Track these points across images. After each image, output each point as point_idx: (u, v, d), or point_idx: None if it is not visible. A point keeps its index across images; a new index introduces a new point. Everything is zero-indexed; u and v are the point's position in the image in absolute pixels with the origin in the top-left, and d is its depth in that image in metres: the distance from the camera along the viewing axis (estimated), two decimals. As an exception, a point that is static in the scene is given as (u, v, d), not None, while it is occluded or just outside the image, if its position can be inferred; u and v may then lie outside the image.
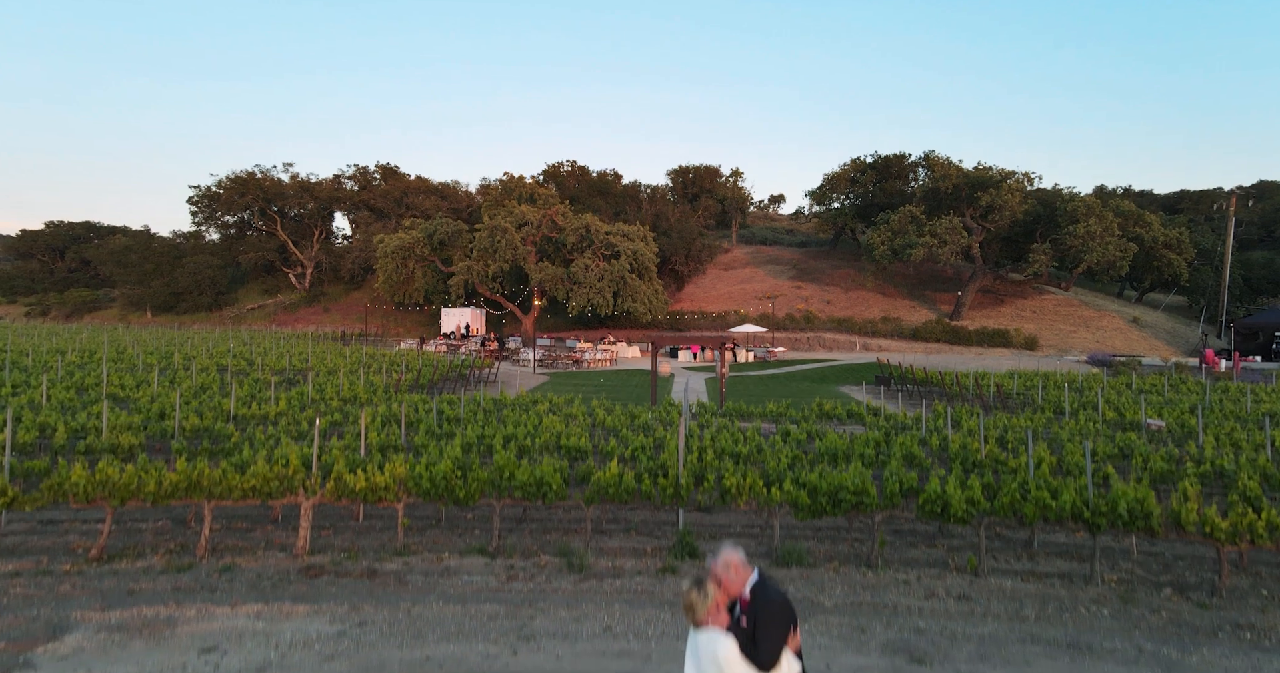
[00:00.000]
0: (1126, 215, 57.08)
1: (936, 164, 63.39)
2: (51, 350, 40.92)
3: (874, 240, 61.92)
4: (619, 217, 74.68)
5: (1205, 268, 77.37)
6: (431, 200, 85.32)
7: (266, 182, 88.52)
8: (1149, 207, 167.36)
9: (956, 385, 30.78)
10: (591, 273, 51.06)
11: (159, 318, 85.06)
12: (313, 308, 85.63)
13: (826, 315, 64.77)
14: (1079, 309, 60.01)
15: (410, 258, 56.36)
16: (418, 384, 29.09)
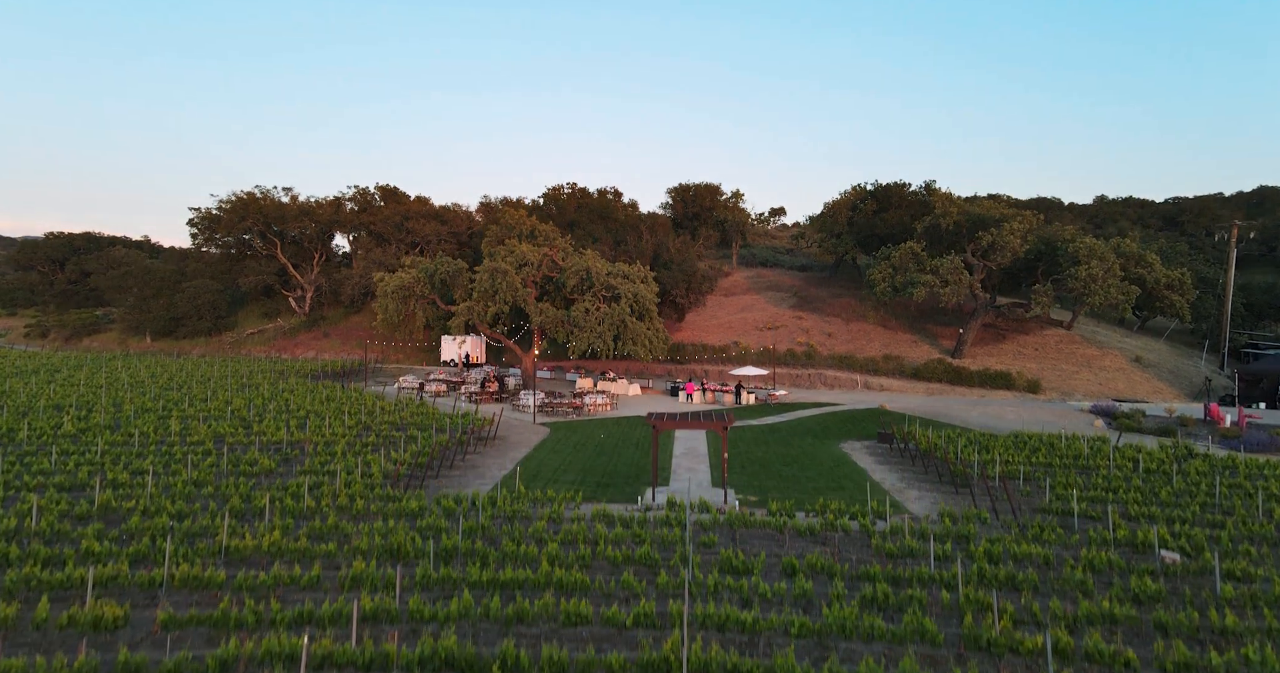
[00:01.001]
0: (1128, 256, 56.54)
1: (938, 199, 62.82)
2: (48, 408, 40.34)
3: (875, 277, 61.40)
4: (619, 247, 74.09)
5: (1207, 296, 76.95)
6: (431, 226, 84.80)
7: (267, 204, 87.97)
8: (1149, 219, 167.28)
9: (960, 462, 30.24)
10: (592, 317, 50.56)
11: (158, 342, 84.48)
12: (312, 332, 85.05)
13: (828, 350, 64.26)
14: (1081, 347, 59.49)
15: (410, 297, 55.85)
16: (417, 466, 28.54)
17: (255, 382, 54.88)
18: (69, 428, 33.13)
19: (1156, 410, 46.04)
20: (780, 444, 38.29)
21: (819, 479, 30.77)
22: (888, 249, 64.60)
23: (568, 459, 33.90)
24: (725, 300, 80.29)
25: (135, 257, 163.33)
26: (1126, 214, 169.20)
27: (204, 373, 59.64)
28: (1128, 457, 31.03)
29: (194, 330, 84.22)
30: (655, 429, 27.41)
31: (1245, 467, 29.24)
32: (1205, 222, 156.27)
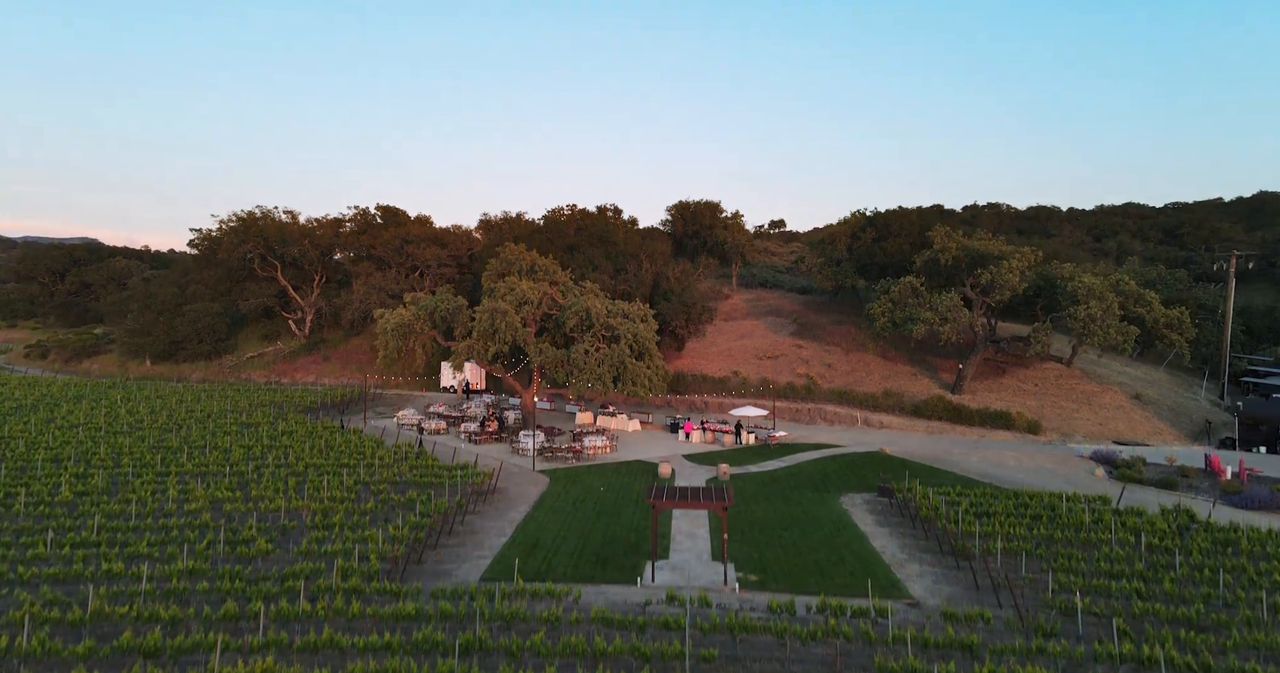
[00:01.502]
0: (1127, 294, 56.13)
1: (937, 234, 62.42)
2: (46, 462, 40.00)
3: (875, 312, 61.10)
4: (619, 275, 73.73)
5: (1207, 322, 76.59)
6: (431, 250, 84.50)
7: (267, 225, 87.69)
8: (1149, 231, 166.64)
9: (960, 536, 29.93)
10: (591, 358, 50.25)
11: (158, 366, 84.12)
12: (312, 356, 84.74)
13: (827, 382, 63.95)
14: (1080, 382, 59.14)
15: (410, 335, 55.52)
16: (415, 542, 28.23)
17: (254, 420, 54.54)
18: (66, 494, 32.80)
19: (1157, 457, 45.70)
20: (780, 499, 37.94)
21: (819, 548, 30.44)
22: (887, 282, 64.26)
23: (567, 521, 33.57)
24: (725, 326, 79.96)
25: (136, 268, 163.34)
26: (1126, 226, 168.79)
27: (204, 407, 59.29)
28: (1130, 527, 30.69)
29: (194, 354, 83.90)
30: (654, 509, 27.07)
31: (1248, 542, 28.92)
32: (1205, 234, 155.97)
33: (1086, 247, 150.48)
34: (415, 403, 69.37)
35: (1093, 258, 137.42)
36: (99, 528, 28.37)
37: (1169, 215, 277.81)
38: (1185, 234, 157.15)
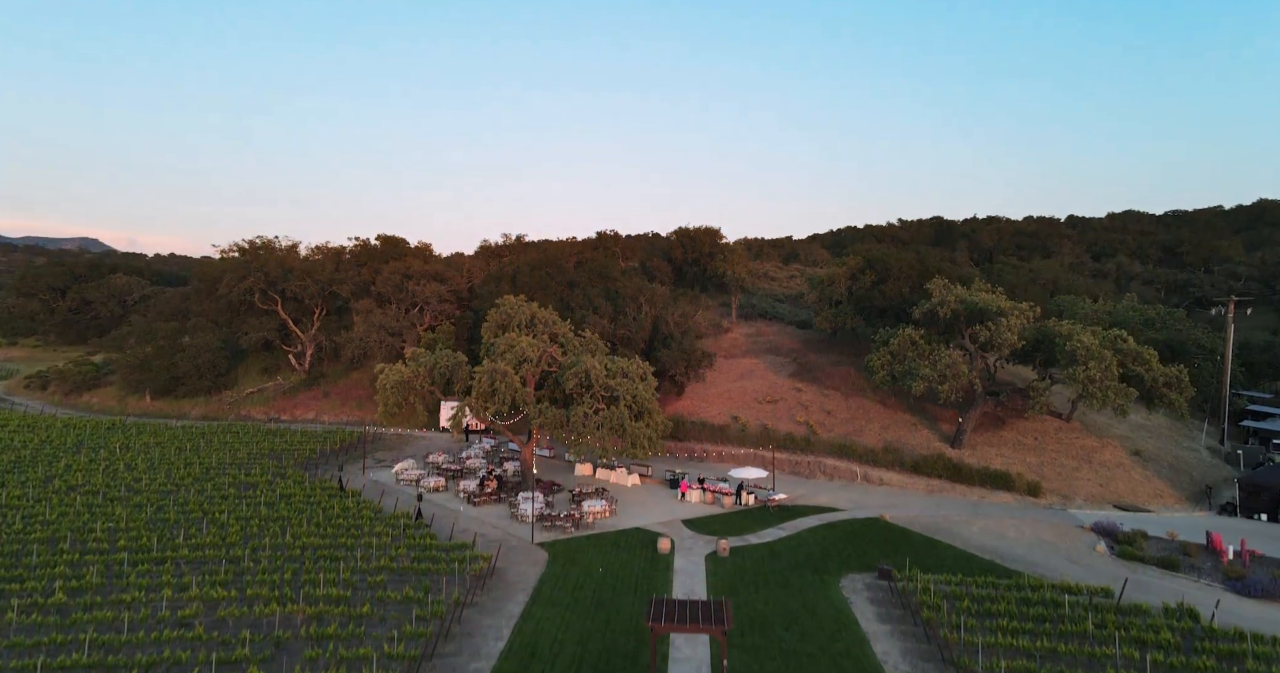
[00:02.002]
0: (1125, 353, 55.48)
1: (936, 286, 61.69)
2: (41, 542, 39.50)
3: (874, 364, 60.57)
4: (619, 318, 73.17)
5: (1205, 364, 76.02)
6: (431, 287, 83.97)
7: (268, 259, 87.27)
8: (1148, 249, 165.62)
9: (960, 631, 29.45)
10: (591, 421, 49.77)
11: (158, 402, 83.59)
12: (312, 391, 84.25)
13: (827, 431, 63.46)
14: (1080, 437, 58.58)
15: (410, 392, 55.04)
16: (412, 662, 27.75)
17: (253, 477, 54.11)
18: (60, 596, 32.30)
19: (1158, 528, 45.15)
20: (780, 585, 37.40)
21: (820, 657, 29.96)
22: (886, 332, 63.68)
23: (565, 618, 33.04)
24: (725, 364, 79.37)
25: (136, 284, 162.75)
26: (1125, 243, 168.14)
27: (202, 461, 58.76)
28: (1134, 638, 30.19)
29: (194, 389, 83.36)
30: (653, 632, 26.58)
31: (1254, 660, 28.45)
32: (1204, 252, 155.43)
33: (1086, 268, 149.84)
34: (415, 446, 68.93)
35: (1092, 279, 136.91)
36: (89, 647, 27.88)
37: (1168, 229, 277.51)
38: (1185, 252, 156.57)
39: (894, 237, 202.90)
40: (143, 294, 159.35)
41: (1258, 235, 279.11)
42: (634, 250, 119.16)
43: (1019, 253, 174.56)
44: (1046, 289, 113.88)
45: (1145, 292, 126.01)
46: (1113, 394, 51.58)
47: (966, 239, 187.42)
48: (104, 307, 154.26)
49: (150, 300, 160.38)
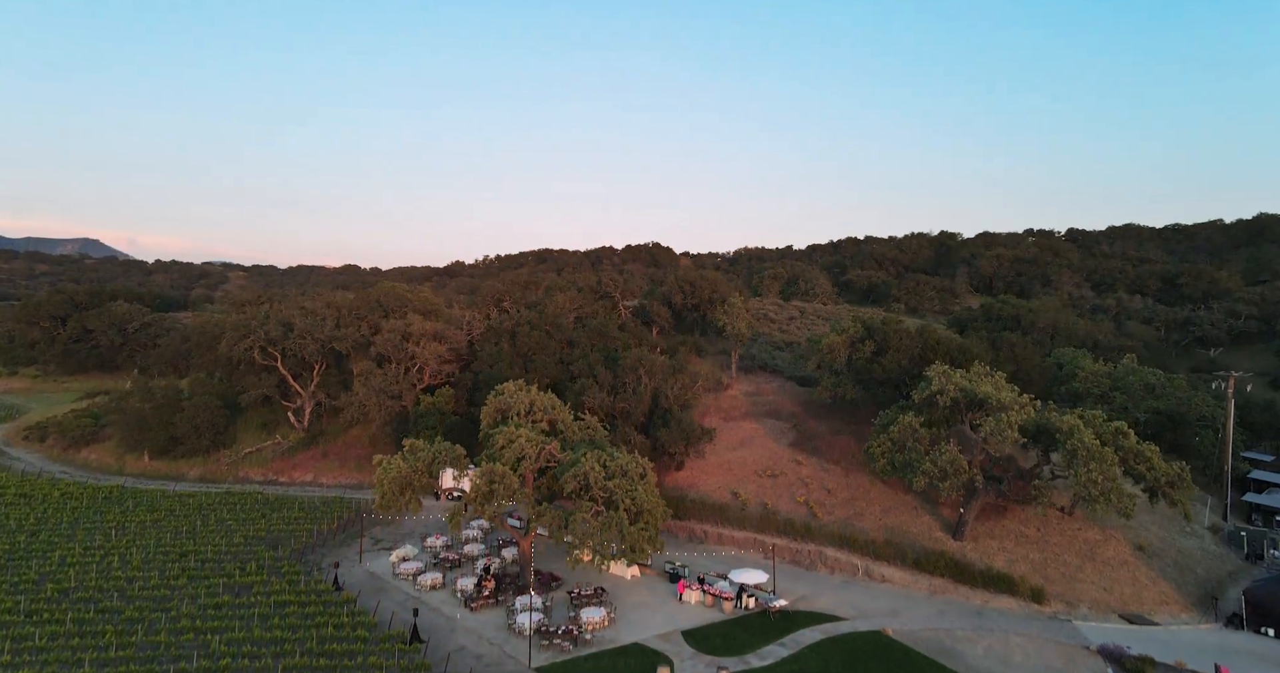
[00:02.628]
0: (1127, 450, 54.34)
1: (935, 373, 60.50)
2: None
3: (874, 451, 59.59)
4: (618, 392, 72.16)
5: (1206, 431, 75.02)
6: (431, 347, 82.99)
7: (270, 322, 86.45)
8: (1147, 280, 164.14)
9: None
10: (591, 527, 48.93)
11: (156, 462, 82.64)
12: (311, 451, 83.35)
13: (828, 514, 62.55)
14: (1083, 530, 57.56)
15: (408, 488, 54.18)
16: None
17: (248, 576, 53.20)
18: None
19: (1167, 653, 44.07)
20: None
21: None
22: (887, 416, 62.64)
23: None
24: (725, 427, 78.40)
25: (137, 312, 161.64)
26: (1125, 274, 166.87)
27: (199, 552, 57.83)
28: None
29: (192, 449, 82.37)
30: None
31: None
32: (1204, 285, 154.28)
33: (1086, 302, 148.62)
34: (413, 521, 68.10)
35: (1092, 318, 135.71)
36: None
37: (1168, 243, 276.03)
38: (1184, 284, 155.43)
39: (894, 260, 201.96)
40: (143, 322, 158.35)
41: (1259, 252, 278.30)
42: (633, 290, 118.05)
43: (1019, 280, 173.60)
44: (1046, 332, 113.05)
45: (1145, 331, 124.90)
46: (1115, 498, 50.58)
47: (966, 265, 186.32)
48: (104, 336, 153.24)
49: (151, 328, 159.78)
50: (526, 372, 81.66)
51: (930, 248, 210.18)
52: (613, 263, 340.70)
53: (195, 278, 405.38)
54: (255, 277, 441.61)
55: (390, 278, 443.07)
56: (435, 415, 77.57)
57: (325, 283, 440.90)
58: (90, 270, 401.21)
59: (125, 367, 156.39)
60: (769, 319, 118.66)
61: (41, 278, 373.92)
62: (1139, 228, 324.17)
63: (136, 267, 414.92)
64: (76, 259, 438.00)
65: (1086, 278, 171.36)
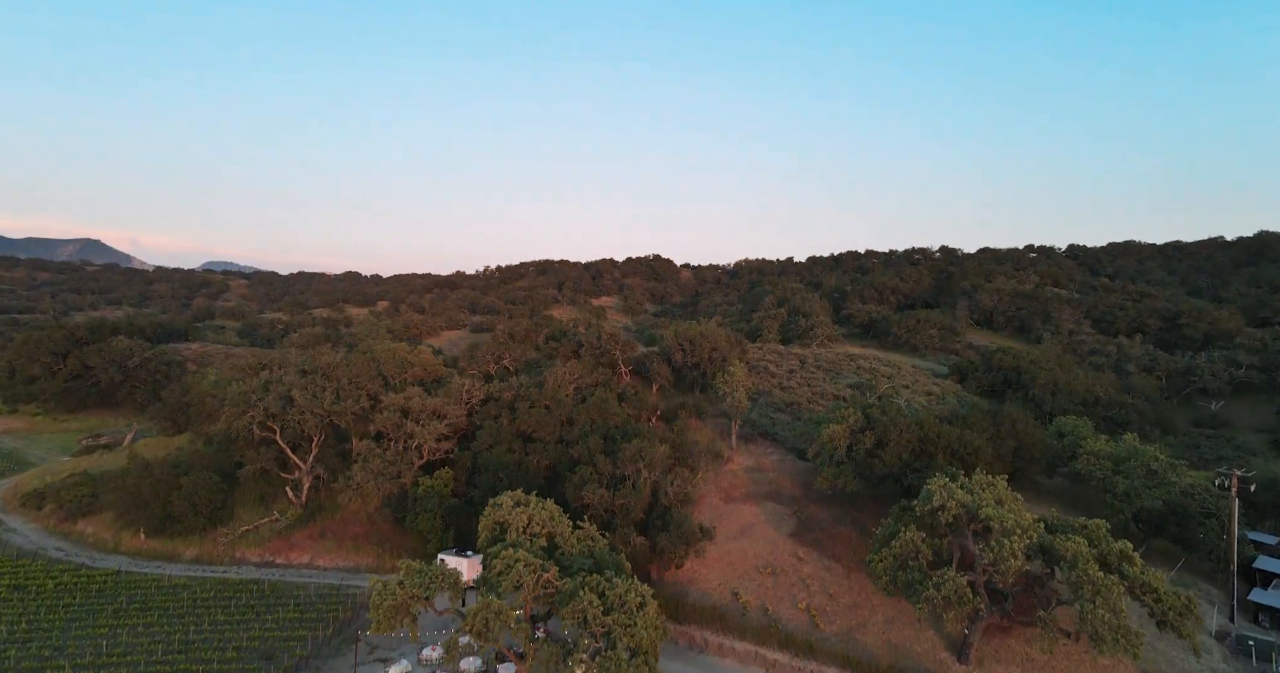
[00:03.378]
0: (1133, 580, 53.24)
1: (936, 487, 59.14)
2: None
3: (876, 568, 58.43)
4: (619, 487, 71.02)
5: (1210, 521, 73.85)
6: (431, 426, 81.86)
7: (270, 398, 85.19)
8: (1147, 318, 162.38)
9: None
10: (588, 667, 47.97)
11: (152, 540, 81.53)
12: (308, 529, 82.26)
13: (829, 624, 61.55)
14: (1090, 653, 56.46)
15: (405, 612, 53.15)
16: None
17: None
18: None
19: None
20: None
21: None
22: (888, 527, 61.41)
23: None
24: (725, 509, 77.45)
25: (138, 346, 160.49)
26: (1125, 311, 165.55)
27: (190, 671, 56.80)
28: None
29: (189, 527, 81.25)
30: None
31: None
32: (1204, 327, 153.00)
33: (1085, 347, 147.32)
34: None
35: (1093, 366, 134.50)
36: None
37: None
38: (1185, 324, 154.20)
39: (894, 289, 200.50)
40: (143, 358, 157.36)
41: (1260, 273, 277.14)
42: (632, 345, 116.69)
43: (1019, 315, 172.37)
44: (1047, 389, 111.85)
45: (1146, 383, 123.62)
46: (1121, 640, 49.49)
47: (967, 298, 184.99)
48: (104, 373, 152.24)
49: (151, 363, 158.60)
50: (526, 454, 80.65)
51: (930, 275, 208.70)
52: (613, 277, 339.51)
53: (197, 287, 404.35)
54: (256, 285, 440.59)
55: (390, 285, 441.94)
56: (434, 499, 76.53)
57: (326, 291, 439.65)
58: (91, 279, 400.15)
59: (125, 403, 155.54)
60: (768, 373, 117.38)
61: (43, 287, 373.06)
62: (1139, 245, 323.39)
63: (138, 276, 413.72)
64: (77, 267, 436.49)
65: (1087, 314, 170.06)
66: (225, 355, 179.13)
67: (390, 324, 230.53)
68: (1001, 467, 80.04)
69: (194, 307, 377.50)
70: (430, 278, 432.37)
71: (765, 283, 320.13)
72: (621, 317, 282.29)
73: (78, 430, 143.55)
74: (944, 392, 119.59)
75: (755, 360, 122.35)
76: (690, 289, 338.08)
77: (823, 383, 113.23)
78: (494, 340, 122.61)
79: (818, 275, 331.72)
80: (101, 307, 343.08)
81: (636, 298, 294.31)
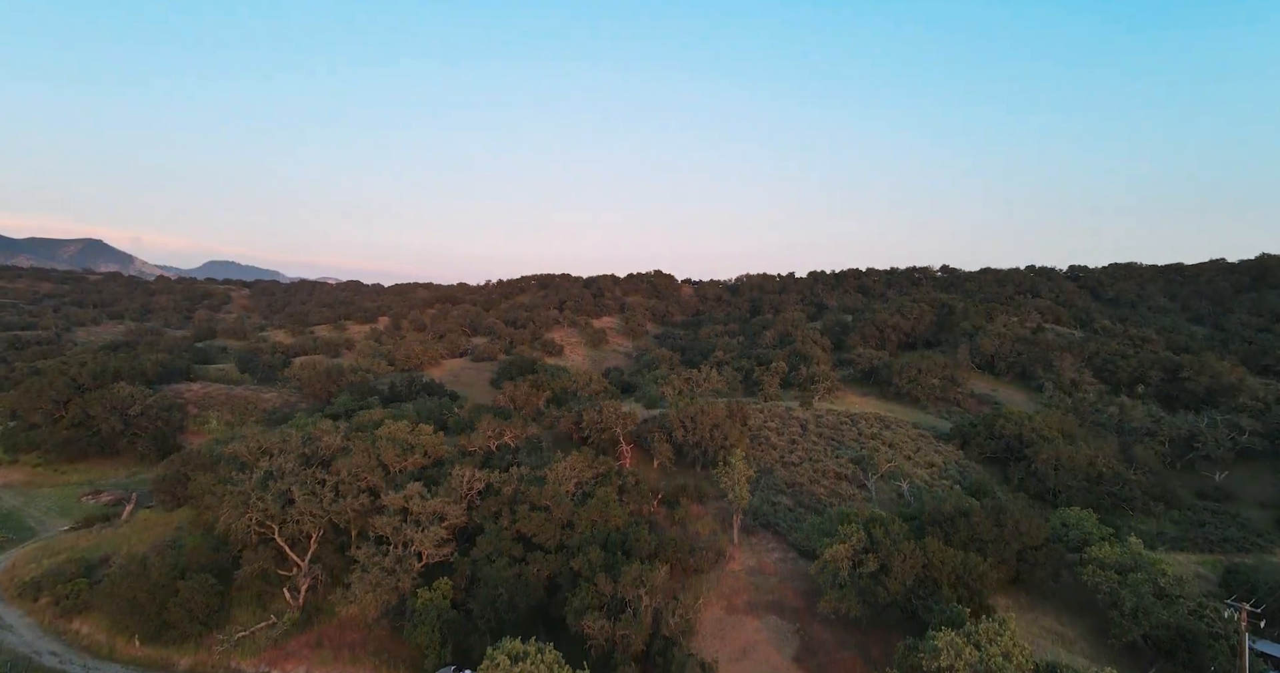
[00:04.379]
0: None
1: (943, 644, 57.80)
2: None
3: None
4: (619, 618, 69.60)
5: (1219, 643, 72.38)
6: (433, 531, 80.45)
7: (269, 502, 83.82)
8: (1148, 372, 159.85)
9: None
10: None
11: (146, 648, 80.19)
12: (305, 636, 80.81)
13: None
14: None
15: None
16: None
17: None
18: None
19: None
20: None
21: None
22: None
23: None
24: (726, 622, 76.10)
25: (139, 393, 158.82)
26: (1126, 361, 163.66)
27: None
28: None
29: (183, 635, 79.89)
30: None
31: None
32: (1206, 381, 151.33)
33: (1087, 404, 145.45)
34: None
35: (1092, 426, 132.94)
36: None
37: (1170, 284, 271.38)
38: (1187, 378, 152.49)
39: (894, 326, 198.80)
40: (144, 406, 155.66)
41: (1261, 300, 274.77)
42: (633, 416, 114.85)
43: (1020, 361, 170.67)
44: (1049, 465, 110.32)
45: (1148, 454, 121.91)
46: None
47: (968, 340, 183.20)
48: (106, 423, 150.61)
49: (151, 410, 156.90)
50: (525, 563, 79.37)
51: (931, 312, 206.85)
52: (614, 295, 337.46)
53: (198, 298, 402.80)
54: (257, 295, 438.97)
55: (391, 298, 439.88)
56: (433, 612, 75.19)
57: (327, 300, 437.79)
58: (93, 290, 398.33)
59: (125, 452, 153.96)
60: (769, 445, 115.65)
61: (45, 301, 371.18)
62: (1140, 267, 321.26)
63: (140, 287, 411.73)
64: (80, 277, 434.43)
65: (1088, 361, 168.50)
66: (226, 398, 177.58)
67: (391, 352, 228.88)
68: (1005, 571, 78.89)
69: (195, 320, 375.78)
70: (432, 289, 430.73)
71: (766, 302, 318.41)
72: (623, 339, 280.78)
73: (78, 483, 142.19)
74: (946, 461, 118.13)
75: (757, 429, 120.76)
76: (691, 307, 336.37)
77: (825, 458, 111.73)
78: (500, 399, 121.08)
79: (819, 294, 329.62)
80: (103, 321, 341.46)
81: (638, 319, 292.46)
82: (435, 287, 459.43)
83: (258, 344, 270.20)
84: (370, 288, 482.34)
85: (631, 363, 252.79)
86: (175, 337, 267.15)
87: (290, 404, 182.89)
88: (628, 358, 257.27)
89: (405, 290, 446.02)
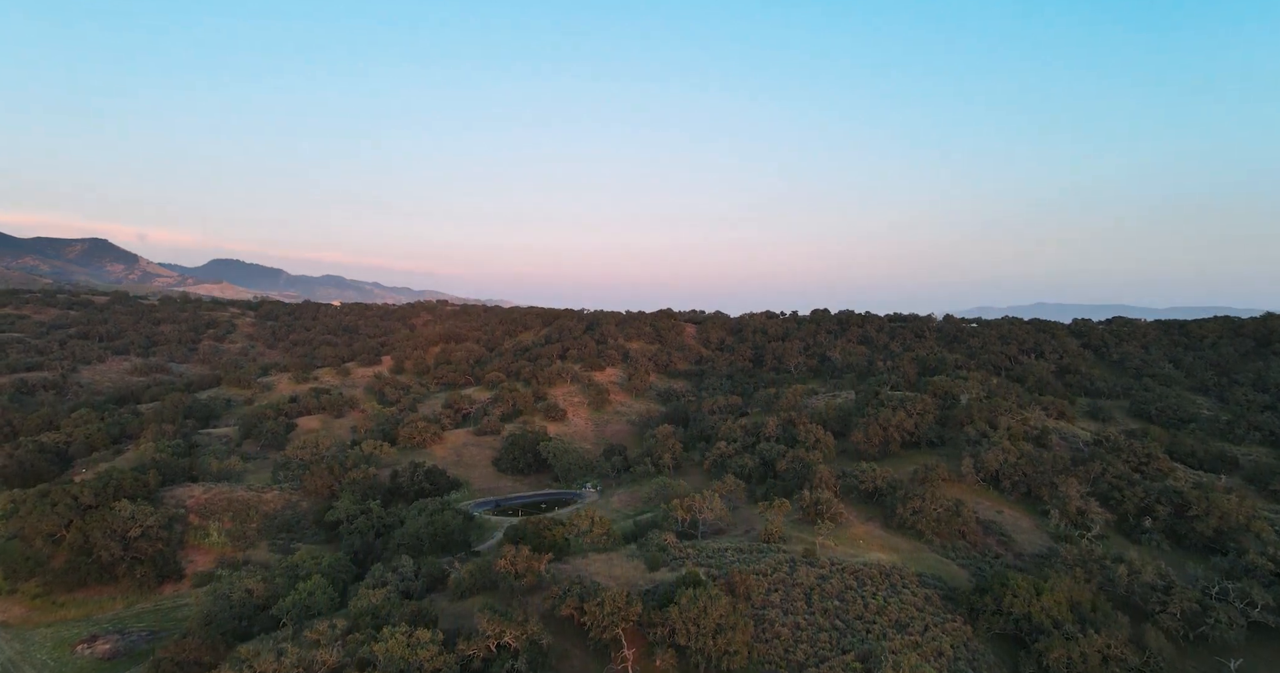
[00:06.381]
0: None
1: None
2: None
3: None
4: None
5: None
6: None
7: None
8: (1156, 502, 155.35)
9: None
10: None
11: None
12: None
13: None
14: None
15: None
16: None
17: None
18: None
19: None
20: None
21: None
22: None
23: None
24: None
25: (141, 513, 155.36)
26: (1133, 491, 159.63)
27: None
28: None
29: None
30: None
31: None
32: (1214, 522, 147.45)
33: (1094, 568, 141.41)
34: None
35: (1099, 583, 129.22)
36: None
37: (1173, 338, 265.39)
38: (1196, 517, 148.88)
39: (898, 425, 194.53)
40: (144, 528, 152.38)
41: (1267, 372, 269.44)
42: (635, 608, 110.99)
43: (1024, 481, 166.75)
44: (1061, 663, 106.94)
45: (1158, 637, 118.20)
46: None
47: (972, 449, 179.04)
48: (105, 550, 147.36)
49: (151, 532, 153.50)
50: None
51: (934, 405, 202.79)
52: (616, 342, 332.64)
53: (203, 327, 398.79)
54: (262, 320, 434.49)
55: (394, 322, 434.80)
56: None
57: (331, 325, 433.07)
58: (99, 319, 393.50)
59: (124, 579, 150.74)
60: (773, 633, 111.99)
61: (51, 332, 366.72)
62: (1141, 324, 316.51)
63: (145, 315, 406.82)
64: (85, 302, 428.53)
65: (1092, 487, 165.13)
66: (228, 504, 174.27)
67: (393, 431, 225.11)
68: None
69: (200, 350, 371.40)
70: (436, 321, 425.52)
71: (769, 352, 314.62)
72: (626, 397, 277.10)
73: (75, 619, 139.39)
74: (955, 645, 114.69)
75: (759, 606, 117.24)
76: (694, 353, 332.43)
77: (830, 652, 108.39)
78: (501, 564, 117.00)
79: (821, 344, 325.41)
80: (108, 358, 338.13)
81: (640, 374, 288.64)
82: (439, 307, 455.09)
83: (260, 400, 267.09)
84: (375, 310, 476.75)
85: (634, 431, 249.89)
86: (178, 395, 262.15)
87: (291, 504, 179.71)
88: (630, 425, 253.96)
89: (408, 315, 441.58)
